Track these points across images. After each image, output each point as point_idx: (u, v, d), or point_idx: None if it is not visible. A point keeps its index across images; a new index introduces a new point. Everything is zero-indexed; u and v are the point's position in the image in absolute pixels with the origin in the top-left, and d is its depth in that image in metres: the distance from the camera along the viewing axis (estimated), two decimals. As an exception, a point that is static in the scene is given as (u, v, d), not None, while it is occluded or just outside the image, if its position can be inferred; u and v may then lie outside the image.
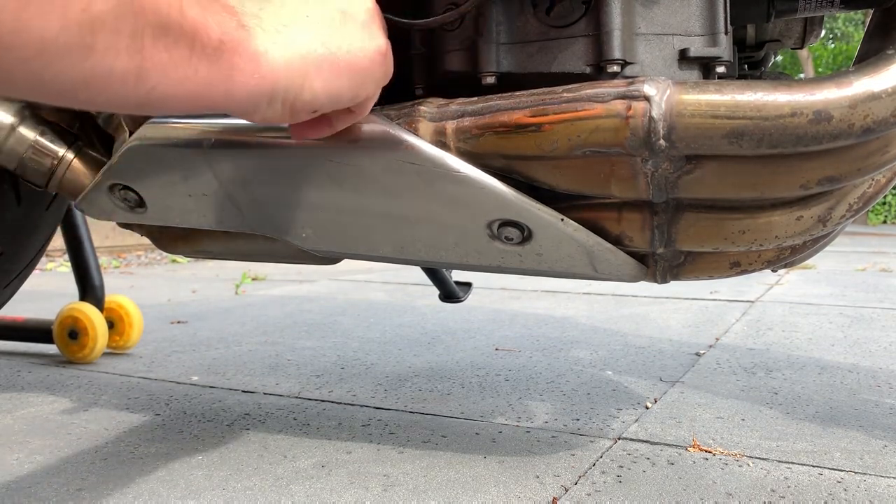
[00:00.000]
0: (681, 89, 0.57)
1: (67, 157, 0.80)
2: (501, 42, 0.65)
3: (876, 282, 2.62)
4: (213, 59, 0.44)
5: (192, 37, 0.42)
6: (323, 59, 0.51)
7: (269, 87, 0.48)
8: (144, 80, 0.41)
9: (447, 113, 0.64)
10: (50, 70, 0.37)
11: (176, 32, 0.41)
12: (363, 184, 0.65)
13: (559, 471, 0.82)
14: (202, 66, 0.44)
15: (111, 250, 4.98)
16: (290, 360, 1.43)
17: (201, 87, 0.45)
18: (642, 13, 0.62)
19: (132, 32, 0.39)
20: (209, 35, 0.44)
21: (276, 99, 0.50)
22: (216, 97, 0.46)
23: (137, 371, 1.35)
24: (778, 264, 0.69)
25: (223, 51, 0.45)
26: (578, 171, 0.62)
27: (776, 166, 0.58)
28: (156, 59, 0.41)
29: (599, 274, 0.69)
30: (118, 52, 0.39)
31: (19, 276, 1.11)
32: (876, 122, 0.55)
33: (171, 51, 0.41)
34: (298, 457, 0.88)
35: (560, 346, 1.51)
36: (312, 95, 0.51)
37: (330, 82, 0.52)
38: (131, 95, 0.42)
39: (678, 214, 0.64)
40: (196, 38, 0.43)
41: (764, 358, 1.37)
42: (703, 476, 0.80)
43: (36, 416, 1.07)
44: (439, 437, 0.94)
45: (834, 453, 0.86)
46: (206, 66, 0.44)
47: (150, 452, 0.90)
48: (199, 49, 0.43)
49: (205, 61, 0.44)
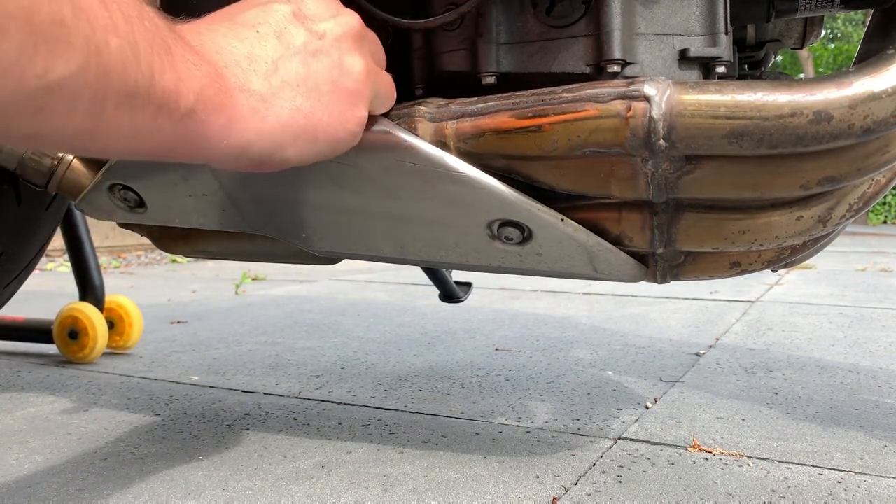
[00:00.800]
0: (681, 89, 0.57)
1: (67, 157, 0.80)
2: (501, 42, 0.65)
3: (876, 282, 2.62)
4: (180, 124, 0.43)
5: (159, 103, 0.41)
6: (302, 131, 0.51)
7: (237, 151, 0.48)
8: (97, 140, 0.40)
9: (447, 113, 0.64)
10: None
11: (143, 98, 0.40)
12: (363, 184, 0.65)
13: (559, 471, 0.82)
14: (166, 127, 0.42)
15: (111, 250, 4.98)
16: (290, 360, 1.43)
17: (163, 146, 0.43)
18: (642, 13, 0.62)
19: (92, 97, 0.37)
20: (178, 102, 0.42)
21: (242, 160, 0.49)
22: (177, 154, 0.45)
23: (137, 371, 1.35)
24: (778, 264, 0.69)
25: (193, 117, 0.43)
26: (578, 172, 0.62)
27: (776, 166, 0.58)
28: (114, 123, 0.39)
29: (599, 274, 0.69)
30: (73, 114, 0.37)
31: (19, 276, 1.11)
32: (876, 123, 0.55)
33: (135, 114, 0.40)
34: (298, 457, 0.88)
35: (560, 346, 1.51)
36: (282, 160, 0.51)
37: (303, 150, 0.52)
38: (84, 148, 0.41)
39: (678, 214, 0.64)
40: (164, 104, 0.41)
41: (764, 358, 1.37)
42: (704, 476, 0.80)
43: (36, 416, 1.07)
44: (439, 437, 0.94)
45: (834, 453, 0.86)
46: (171, 129, 0.43)
47: (150, 452, 0.90)
48: (165, 114, 0.42)
49: (170, 124, 0.42)
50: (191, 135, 0.44)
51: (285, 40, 0.51)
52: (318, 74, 0.52)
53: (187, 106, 0.42)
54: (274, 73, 0.49)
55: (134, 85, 0.39)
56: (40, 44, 0.33)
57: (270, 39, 0.50)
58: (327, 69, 0.52)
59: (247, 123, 0.47)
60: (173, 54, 0.42)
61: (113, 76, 0.37)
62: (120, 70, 0.37)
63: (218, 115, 0.45)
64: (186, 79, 0.42)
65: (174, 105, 0.42)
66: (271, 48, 0.50)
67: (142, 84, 0.39)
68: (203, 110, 0.44)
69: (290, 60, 0.51)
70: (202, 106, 0.44)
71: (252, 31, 0.50)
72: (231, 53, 0.48)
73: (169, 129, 0.42)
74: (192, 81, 0.43)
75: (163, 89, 0.41)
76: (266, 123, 0.48)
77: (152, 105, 0.40)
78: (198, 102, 0.43)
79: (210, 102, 0.44)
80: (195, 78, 0.43)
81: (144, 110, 0.40)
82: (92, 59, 0.36)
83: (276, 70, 0.50)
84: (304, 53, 0.51)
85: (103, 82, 0.37)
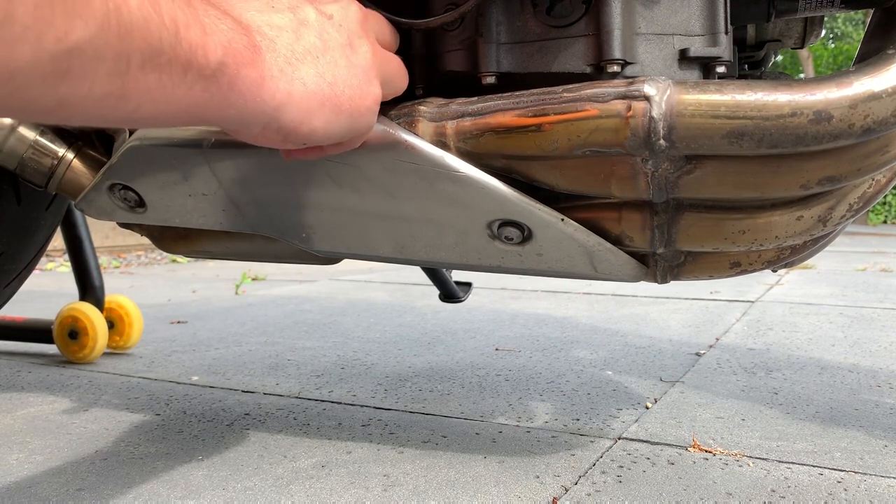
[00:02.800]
0: (681, 89, 0.57)
1: (67, 156, 0.80)
2: (501, 42, 0.65)
3: (876, 282, 2.62)
4: (211, 80, 0.42)
5: (187, 59, 0.40)
6: (327, 100, 0.51)
7: (268, 113, 0.47)
8: (127, 102, 0.38)
9: (447, 113, 0.64)
10: (18, 96, 0.34)
11: (168, 56, 0.38)
12: (363, 184, 0.65)
13: (559, 471, 0.82)
14: (197, 86, 0.41)
15: (111, 250, 4.98)
16: (290, 360, 1.43)
17: (193, 107, 0.42)
18: (642, 13, 0.62)
19: (116, 57, 0.36)
20: (207, 56, 0.41)
21: (271, 126, 0.49)
22: (208, 115, 0.44)
23: (137, 371, 1.35)
24: (778, 264, 0.69)
25: (223, 72, 0.42)
26: (578, 171, 0.62)
27: (776, 166, 0.58)
28: (141, 83, 0.38)
29: (600, 274, 0.69)
30: (96, 76, 0.35)
31: (19, 276, 1.11)
32: (876, 122, 0.55)
33: (161, 74, 0.39)
34: (298, 457, 0.88)
35: (560, 346, 1.51)
36: (309, 131, 0.51)
37: (329, 122, 0.52)
38: (112, 115, 0.39)
39: (678, 214, 0.64)
40: (192, 61, 0.40)
41: (764, 358, 1.37)
42: (704, 476, 0.80)
43: (36, 416, 1.07)
44: (439, 437, 0.94)
45: (834, 453, 0.86)
46: (202, 86, 0.42)
47: (150, 452, 0.90)
48: (194, 71, 0.40)
49: (200, 82, 0.41)
50: (223, 92, 0.43)
51: (300, 15, 0.51)
52: (333, 50, 0.52)
53: (216, 60, 0.42)
54: (296, 41, 0.50)
55: (159, 42, 0.37)
56: (57, 5, 0.32)
57: (286, 13, 0.51)
58: (340, 46, 0.53)
59: (277, 83, 0.47)
60: (196, 8, 0.41)
61: (136, 34, 0.36)
62: (142, 27, 0.36)
63: (249, 70, 0.44)
64: (213, 32, 0.41)
65: (203, 60, 0.41)
66: (288, 20, 0.50)
67: (167, 40, 0.38)
68: (234, 64, 0.43)
69: (307, 33, 0.51)
70: (232, 59, 0.43)
71: (267, 5, 0.50)
72: (253, 18, 0.48)
73: (199, 87, 0.41)
74: (219, 35, 0.42)
75: (189, 44, 0.39)
76: (294, 86, 0.48)
77: (180, 62, 0.39)
78: (227, 56, 0.42)
79: (240, 56, 0.44)
80: (221, 32, 0.42)
81: (172, 68, 0.39)
82: (112, 18, 0.35)
83: (297, 39, 0.50)
84: (319, 29, 0.52)
85: (126, 41, 0.36)
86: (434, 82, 0.70)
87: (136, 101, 0.39)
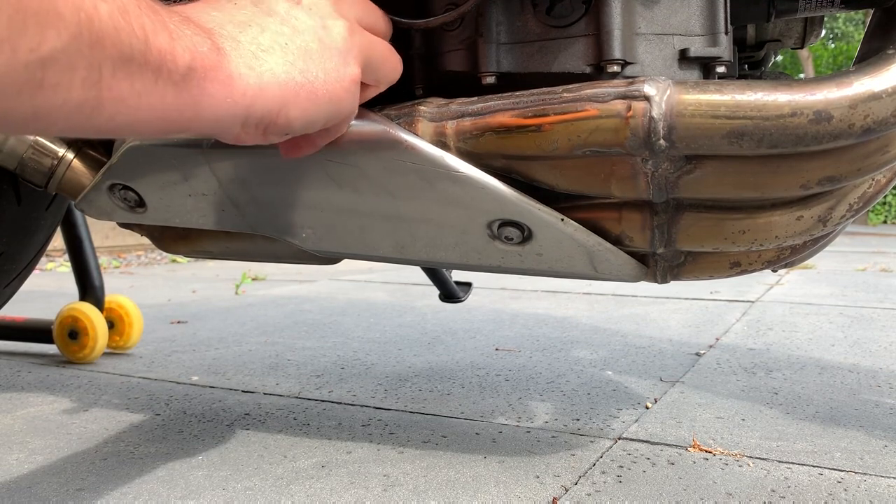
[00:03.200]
0: (681, 89, 0.57)
1: (67, 156, 0.80)
2: (501, 42, 0.65)
3: (876, 282, 2.62)
4: (181, 85, 0.43)
5: (157, 65, 0.40)
6: (300, 87, 0.51)
7: (242, 112, 0.48)
8: (101, 111, 0.39)
9: (447, 113, 0.64)
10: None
11: (139, 62, 0.39)
12: (363, 184, 0.65)
13: (559, 471, 0.82)
14: (168, 92, 0.42)
15: (111, 250, 4.98)
16: (290, 360, 1.43)
17: (168, 112, 0.43)
18: (642, 13, 0.62)
19: (88, 66, 0.36)
20: (176, 62, 0.42)
21: (248, 123, 0.49)
22: (184, 121, 0.45)
23: (137, 371, 1.35)
24: (778, 264, 0.69)
25: (192, 76, 0.43)
26: (578, 171, 0.62)
27: (776, 166, 0.58)
28: (115, 90, 0.39)
29: (600, 274, 0.69)
30: (71, 86, 0.36)
31: (19, 276, 1.11)
32: (876, 122, 0.55)
33: (134, 80, 0.40)
34: (298, 457, 0.88)
35: (560, 346, 1.51)
36: (287, 121, 0.51)
37: (306, 110, 0.52)
38: (87, 125, 0.40)
39: (678, 214, 0.64)
40: (162, 66, 0.41)
41: (764, 358, 1.37)
42: (704, 476, 0.80)
43: (36, 416, 1.07)
44: (439, 437, 0.94)
45: (834, 453, 0.86)
46: (173, 92, 0.42)
47: (150, 452, 0.90)
48: (164, 76, 0.41)
49: (171, 87, 0.42)
50: (194, 97, 0.44)
51: (264, 6, 0.52)
52: (303, 34, 0.52)
53: (185, 64, 0.42)
54: (261, 33, 0.50)
55: (129, 49, 0.38)
56: (29, 17, 0.33)
57: (248, 7, 0.51)
58: (312, 29, 0.53)
59: (246, 80, 0.47)
60: (161, 15, 0.42)
61: (107, 42, 0.37)
62: (113, 35, 0.37)
63: (216, 72, 0.45)
64: (179, 38, 0.42)
65: (172, 66, 0.42)
66: (251, 14, 0.50)
67: (137, 47, 0.39)
68: (201, 67, 0.44)
69: (272, 23, 0.51)
70: (199, 63, 0.44)
71: (229, 3, 0.50)
72: (213, 19, 0.48)
73: (171, 93, 0.42)
74: (185, 40, 0.43)
75: (158, 50, 0.40)
76: (264, 79, 0.48)
77: (150, 68, 0.40)
78: (194, 60, 0.43)
79: (206, 59, 0.44)
80: (186, 37, 0.43)
81: (143, 74, 0.40)
82: (84, 27, 0.35)
83: (262, 31, 0.50)
84: (285, 16, 0.52)
85: (98, 49, 0.37)
86: (434, 82, 0.70)
87: (110, 110, 0.39)
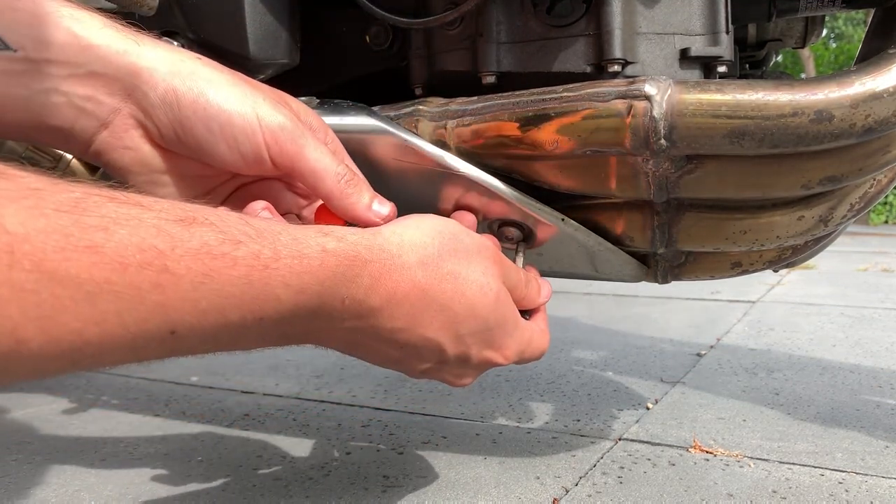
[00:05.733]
0: (682, 89, 0.56)
1: (66, 157, 0.80)
2: (501, 41, 0.65)
3: (877, 282, 2.62)
4: None
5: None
6: None
7: None
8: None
9: (447, 112, 0.63)
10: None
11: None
12: (363, 184, 0.65)
13: (560, 472, 0.81)
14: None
15: (112, 250, 4.98)
16: (289, 360, 1.43)
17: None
18: (643, 12, 0.62)
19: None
20: None
21: None
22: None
23: (137, 371, 1.34)
24: (779, 264, 0.69)
25: None
26: (579, 171, 0.62)
27: (777, 166, 0.58)
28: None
29: (600, 274, 0.69)
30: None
31: (19, 277, 1.11)
32: (877, 122, 0.54)
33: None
34: (298, 457, 0.87)
35: (560, 347, 1.51)
36: None
37: None
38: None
39: (679, 214, 0.64)
40: None
41: (765, 358, 1.37)
42: (705, 477, 0.79)
43: (35, 417, 1.07)
44: (439, 438, 0.94)
45: (836, 454, 0.85)
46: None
47: (150, 452, 0.90)
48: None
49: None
50: None
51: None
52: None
53: None
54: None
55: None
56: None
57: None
58: None
59: None
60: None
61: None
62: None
63: None
64: None
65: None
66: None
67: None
68: None
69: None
70: None
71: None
72: None
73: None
74: None
75: None
76: None
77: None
78: None
79: None
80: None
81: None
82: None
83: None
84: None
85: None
86: (434, 82, 0.70)
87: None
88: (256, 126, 0.49)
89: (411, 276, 0.48)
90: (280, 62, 0.70)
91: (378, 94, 0.71)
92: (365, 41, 0.75)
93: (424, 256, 0.49)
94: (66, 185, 0.32)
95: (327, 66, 0.79)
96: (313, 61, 0.76)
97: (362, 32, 0.75)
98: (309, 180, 0.51)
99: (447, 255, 0.50)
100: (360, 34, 0.75)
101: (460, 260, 0.51)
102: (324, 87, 0.79)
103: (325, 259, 0.42)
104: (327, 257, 0.42)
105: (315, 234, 0.43)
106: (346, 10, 0.74)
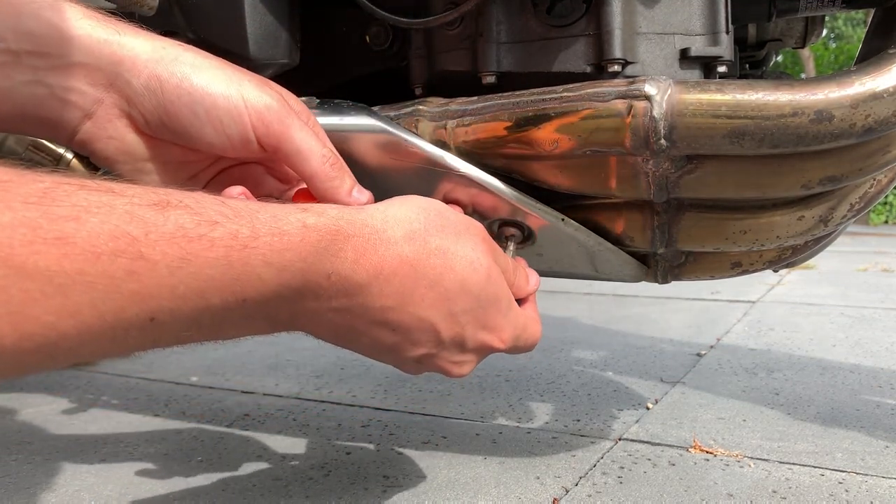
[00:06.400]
0: (682, 89, 0.56)
1: (66, 157, 0.79)
2: (501, 41, 0.65)
3: (878, 282, 2.62)
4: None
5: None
6: None
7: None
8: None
9: (447, 112, 0.63)
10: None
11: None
12: (362, 183, 0.65)
13: (560, 472, 0.81)
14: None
15: (112, 250, 4.97)
16: (289, 360, 1.43)
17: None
18: (643, 12, 0.62)
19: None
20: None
21: None
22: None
23: (137, 371, 1.34)
24: (779, 264, 0.69)
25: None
26: (579, 171, 0.62)
27: (777, 166, 0.58)
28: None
29: (600, 274, 0.69)
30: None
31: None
32: (877, 122, 0.54)
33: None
34: (298, 457, 0.87)
35: (560, 347, 1.51)
36: None
37: None
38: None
39: (679, 214, 0.64)
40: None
41: (765, 358, 1.37)
42: (705, 477, 0.79)
43: (35, 417, 1.07)
44: (439, 438, 0.94)
45: (836, 454, 0.85)
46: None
47: (150, 452, 0.90)
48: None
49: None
50: None
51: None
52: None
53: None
54: None
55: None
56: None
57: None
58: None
59: None
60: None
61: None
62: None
63: None
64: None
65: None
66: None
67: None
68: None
69: None
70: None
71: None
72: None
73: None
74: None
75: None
76: None
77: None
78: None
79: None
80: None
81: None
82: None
83: None
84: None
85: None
86: (434, 82, 0.70)
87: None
88: (242, 107, 0.48)
89: (398, 250, 0.47)
90: (280, 62, 0.70)
91: (378, 94, 0.71)
92: (365, 41, 0.75)
93: (410, 231, 0.48)
94: (34, 176, 0.32)
95: (327, 66, 0.79)
96: (313, 61, 0.76)
97: (362, 32, 0.75)
98: (294, 160, 0.51)
99: (434, 231, 0.49)
100: (360, 34, 0.75)
101: (448, 235, 0.50)
102: (324, 87, 0.79)
103: (306, 234, 0.41)
104: (308, 232, 0.42)
105: (294, 210, 0.42)
106: (346, 10, 0.74)
